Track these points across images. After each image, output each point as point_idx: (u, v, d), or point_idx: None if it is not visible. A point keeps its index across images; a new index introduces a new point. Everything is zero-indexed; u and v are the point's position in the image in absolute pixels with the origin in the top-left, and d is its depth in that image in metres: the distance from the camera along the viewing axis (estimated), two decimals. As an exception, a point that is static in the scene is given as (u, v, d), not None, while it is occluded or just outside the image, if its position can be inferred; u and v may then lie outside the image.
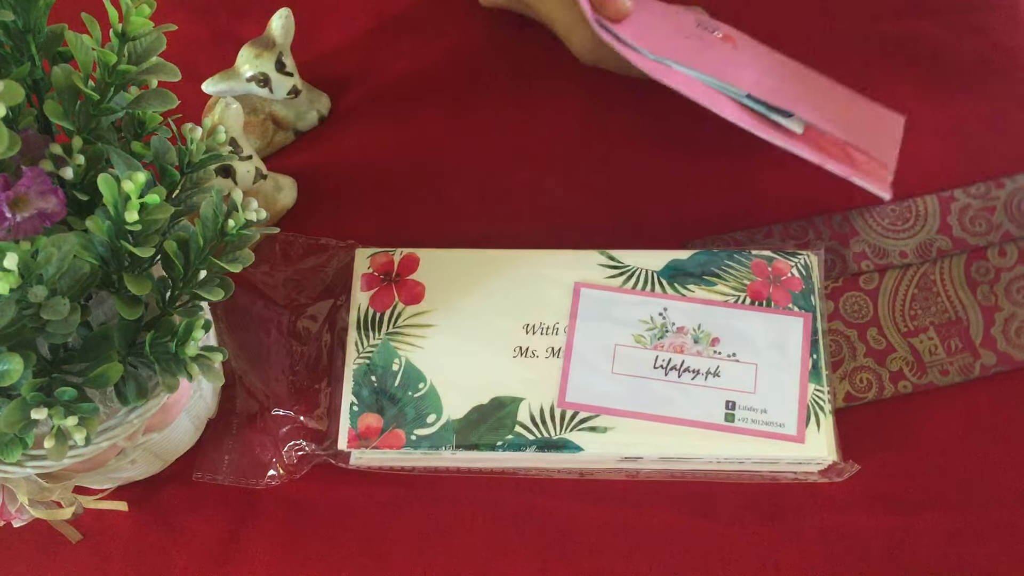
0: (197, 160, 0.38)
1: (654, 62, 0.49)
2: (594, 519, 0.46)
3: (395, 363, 0.46)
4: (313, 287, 0.50)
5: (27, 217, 0.31)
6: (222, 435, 0.48)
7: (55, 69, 0.34)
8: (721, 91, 0.48)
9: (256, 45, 0.50)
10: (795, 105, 0.49)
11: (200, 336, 0.36)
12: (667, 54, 0.49)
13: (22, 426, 0.33)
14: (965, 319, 0.50)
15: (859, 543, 0.45)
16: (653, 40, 0.50)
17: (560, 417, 0.44)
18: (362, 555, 0.46)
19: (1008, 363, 0.49)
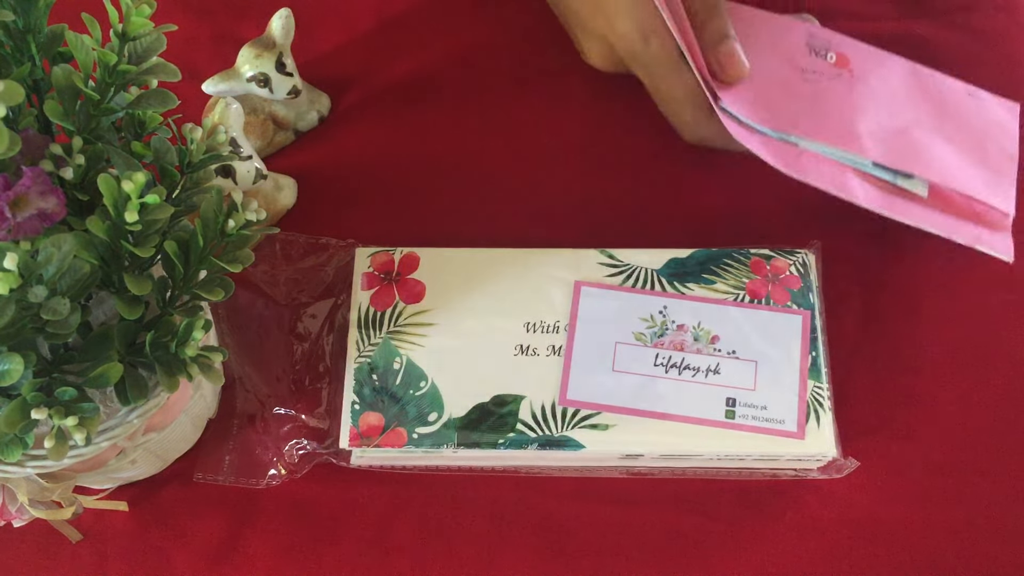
0: (197, 160, 0.38)
1: (778, 144, 0.47)
2: (594, 518, 0.46)
3: (396, 362, 0.46)
4: (313, 287, 0.50)
5: (27, 217, 0.31)
6: (222, 435, 0.48)
7: (55, 69, 0.34)
8: (848, 163, 0.47)
9: (256, 45, 0.50)
10: (915, 161, 0.48)
11: (200, 336, 0.36)
12: (787, 123, 0.47)
13: (22, 426, 0.33)
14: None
15: (860, 539, 0.45)
16: (769, 99, 0.48)
17: (561, 415, 0.44)
18: (362, 555, 0.46)
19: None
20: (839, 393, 0.47)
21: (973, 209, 0.48)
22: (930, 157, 0.47)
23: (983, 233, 0.47)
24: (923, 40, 0.57)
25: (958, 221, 0.47)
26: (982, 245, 0.47)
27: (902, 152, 0.47)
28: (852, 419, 0.47)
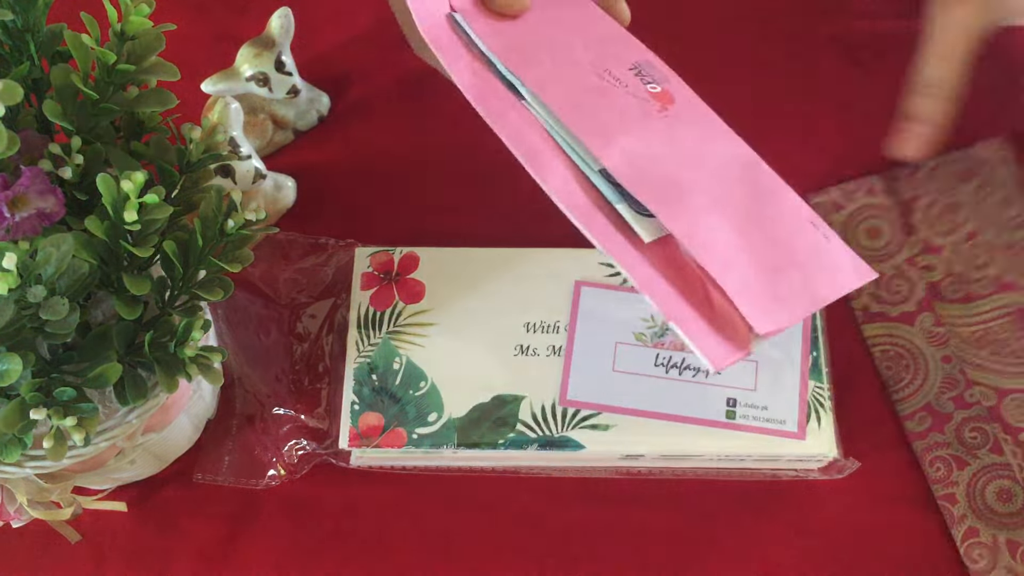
0: (196, 160, 0.37)
1: (491, 82, 0.36)
2: (594, 518, 0.46)
3: (396, 362, 0.46)
4: (313, 286, 0.50)
5: (26, 217, 0.31)
6: (222, 435, 0.48)
7: (54, 68, 0.34)
8: (570, 155, 0.35)
9: (255, 44, 0.50)
10: (667, 203, 0.33)
11: (199, 336, 0.36)
12: (525, 68, 0.36)
13: (21, 426, 0.33)
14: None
15: (861, 540, 0.45)
16: (523, 43, 0.36)
17: (561, 415, 0.44)
18: (362, 555, 0.46)
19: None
20: (839, 393, 0.47)
21: (707, 294, 0.34)
22: (691, 217, 0.34)
23: (699, 325, 0.33)
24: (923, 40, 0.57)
25: (675, 293, 0.33)
26: (689, 338, 0.33)
27: (653, 185, 0.34)
28: (852, 419, 0.47)
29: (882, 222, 0.52)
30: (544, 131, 0.35)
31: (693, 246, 0.33)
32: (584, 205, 0.34)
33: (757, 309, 0.33)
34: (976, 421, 0.47)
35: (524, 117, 0.35)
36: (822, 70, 0.56)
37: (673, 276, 0.34)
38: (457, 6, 0.37)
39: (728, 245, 0.34)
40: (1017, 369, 0.48)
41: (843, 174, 0.53)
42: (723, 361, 0.33)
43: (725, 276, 0.33)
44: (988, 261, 0.50)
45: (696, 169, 0.35)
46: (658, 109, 0.36)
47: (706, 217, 0.34)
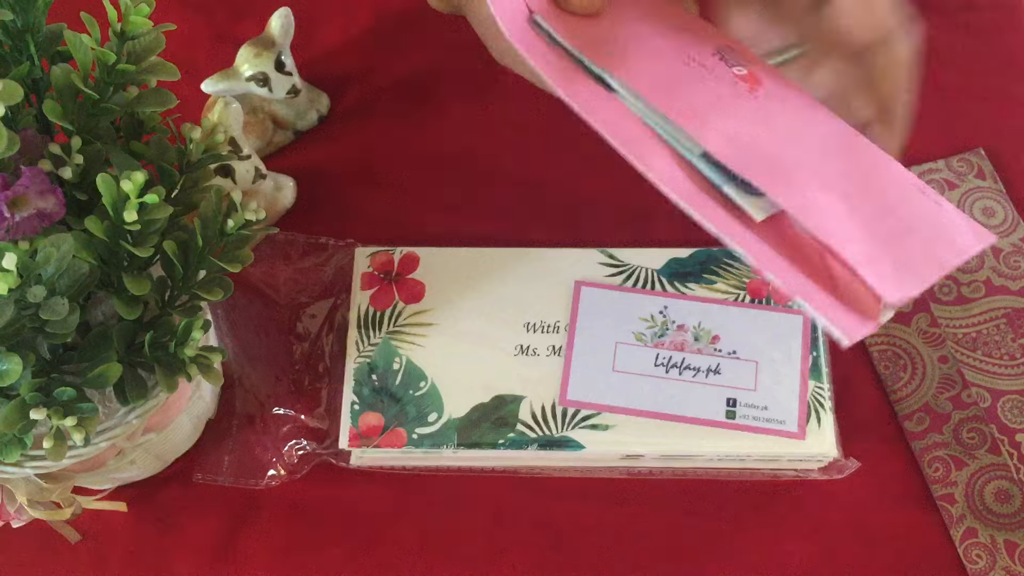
0: (196, 160, 0.37)
1: (585, 82, 0.35)
2: (594, 518, 0.46)
3: (396, 362, 0.46)
4: (313, 286, 0.50)
5: (26, 217, 0.31)
6: (222, 435, 0.48)
7: (54, 68, 0.34)
8: (669, 142, 0.34)
9: (255, 44, 0.50)
10: (774, 181, 0.33)
11: (199, 336, 0.36)
12: (615, 61, 0.35)
13: (21, 426, 0.33)
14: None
15: (861, 540, 0.45)
16: (610, 36, 0.36)
17: (561, 415, 0.44)
18: (362, 555, 0.46)
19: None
20: (839, 393, 0.47)
21: (827, 268, 0.33)
22: (801, 192, 0.33)
23: (830, 302, 0.32)
24: (923, 40, 0.57)
25: (794, 269, 0.33)
26: (820, 312, 0.32)
27: (758, 164, 0.33)
28: (852, 419, 0.47)
29: None
30: (640, 121, 0.35)
31: (809, 220, 0.32)
32: (691, 189, 0.33)
33: (884, 278, 0.32)
34: (973, 422, 0.47)
35: (618, 109, 0.35)
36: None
37: (791, 253, 0.33)
38: (536, 8, 0.37)
39: (842, 218, 0.33)
40: (1011, 371, 0.48)
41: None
42: (856, 332, 0.32)
43: (846, 247, 0.32)
44: (978, 265, 0.50)
45: (797, 146, 0.35)
46: (748, 90, 0.36)
47: (815, 192, 0.33)
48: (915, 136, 0.54)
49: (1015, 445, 0.46)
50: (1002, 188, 0.52)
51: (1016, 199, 0.52)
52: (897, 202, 0.35)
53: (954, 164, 0.53)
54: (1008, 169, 0.53)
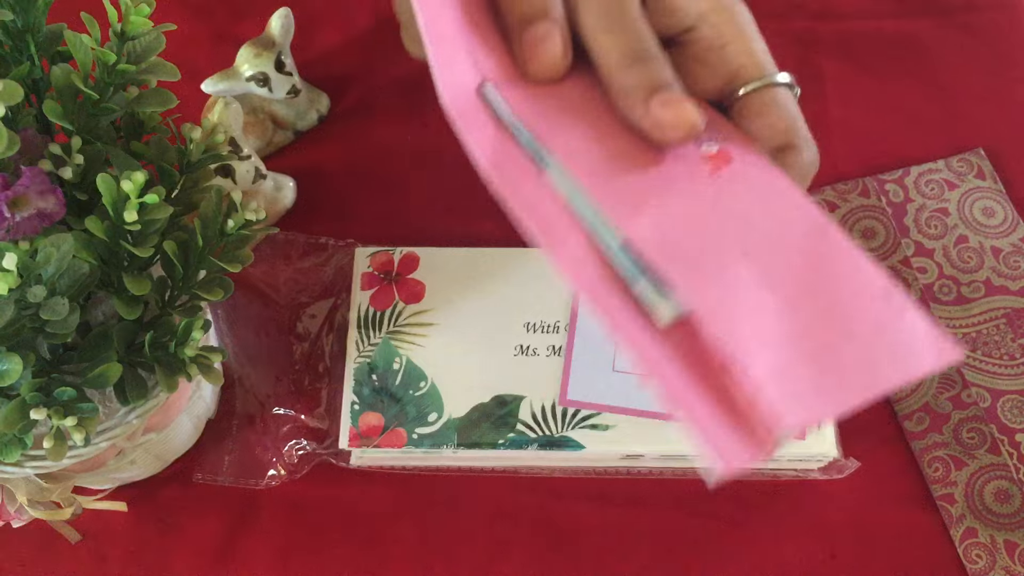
0: (196, 160, 0.37)
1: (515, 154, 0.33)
2: (594, 518, 0.46)
3: (396, 362, 0.46)
4: (313, 286, 0.50)
5: (26, 217, 0.31)
6: (222, 435, 0.48)
7: (54, 69, 0.34)
8: (592, 229, 0.31)
9: (256, 44, 0.50)
10: (691, 277, 0.30)
11: (199, 336, 0.36)
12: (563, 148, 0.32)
13: (21, 426, 0.33)
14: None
15: (861, 540, 0.45)
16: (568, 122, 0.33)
17: (561, 415, 0.44)
18: (362, 555, 0.46)
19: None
20: (839, 393, 0.47)
21: (728, 382, 0.29)
22: (723, 291, 0.30)
23: (710, 416, 0.29)
24: (923, 40, 0.57)
25: (684, 378, 0.29)
26: (697, 429, 0.28)
27: (681, 257, 0.30)
28: (852, 419, 0.47)
29: (876, 223, 0.52)
30: (564, 203, 0.32)
31: (717, 325, 0.29)
32: (595, 281, 0.30)
33: (789, 396, 0.28)
34: (973, 422, 0.47)
35: (542, 189, 0.32)
36: (822, 70, 0.56)
37: (691, 362, 0.30)
38: (491, 77, 0.34)
39: (766, 324, 0.29)
40: (1011, 371, 0.48)
41: (840, 174, 0.53)
42: (735, 458, 0.28)
43: (753, 358, 0.28)
44: (978, 265, 0.50)
45: (743, 237, 0.31)
46: (709, 171, 0.33)
47: (745, 291, 0.30)
48: (915, 136, 0.54)
49: (1015, 445, 0.46)
50: (1002, 188, 0.52)
51: (1016, 199, 0.52)
52: (848, 308, 0.31)
53: (954, 164, 0.53)
54: (1008, 169, 0.53)
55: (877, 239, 0.51)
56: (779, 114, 0.33)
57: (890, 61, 0.57)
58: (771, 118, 0.33)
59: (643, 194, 0.31)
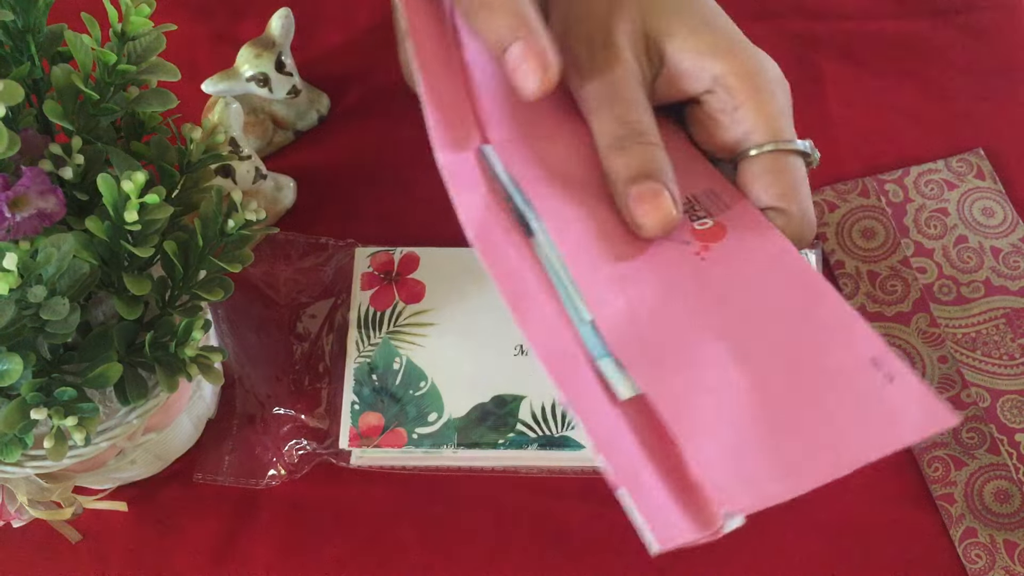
0: (196, 160, 0.38)
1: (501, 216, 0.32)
2: (594, 518, 0.46)
3: (396, 362, 0.46)
4: (313, 286, 0.50)
5: (26, 217, 0.31)
6: (222, 435, 0.48)
7: (55, 69, 0.34)
8: (565, 302, 0.31)
9: (256, 45, 0.50)
10: (646, 362, 0.30)
11: (199, 336, 0.36)
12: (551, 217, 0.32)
13: (22, 426, 0.33)
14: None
15: (860, 539, 0.45)
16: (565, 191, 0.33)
17: (561, 415, 0.44)
18: (362, 555, 0.46)
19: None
20: (839, 393, 0.47)
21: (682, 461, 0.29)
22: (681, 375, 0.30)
23: (652, 493, 0.29)
24: (923, 40, 0.57)
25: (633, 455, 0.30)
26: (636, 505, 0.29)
27: (645, 342, 0.31)
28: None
29: (876, 223, 0.52)
30: (543, 273, 0.32)
31: (668, 409, 0.29)
32: (560, 357, 0.31)
33: (738, 480, 0.28)
34: (973, 422, 0.47)
35: (524, 256, 0.32)
36: (822, 70, 0.56)
37: (648, 434, 0.30)
38: (494, 139, 0.34)
39: (728, 405, 0.29)
40: (1011, 371, 0.48)
41: (839, 174, 0.53)
42: (670, 535, 0.28)
43: (701, 443, 0.28)
44: (978, 265, 0.50)
45: (721, 317, 0.31)
46: (696, 251, 0.33)
47: (708, 374, 0.30)
48: (915, 136, 0.54)
49: (1014, 445, 0.46)
50: (1001, 188, 0.52)
51: (1016, 199, 0.52)
52: (832, 378, 0.30)
53: (954, 164, 0.53)
54: (1008, 169, 0.53)
55: (877, 239, 0.52)
56: (777, 180, 0.33)
57: (890, 61, 0.57)
58: (767, 181, 0.33)
59: (622, 278, 0.32)
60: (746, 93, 0.33)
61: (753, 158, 0.33)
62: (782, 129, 0.33)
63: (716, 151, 0.35)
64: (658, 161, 0.32)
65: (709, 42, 0.33)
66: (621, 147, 0.33)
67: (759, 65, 0.34)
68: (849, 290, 0.50)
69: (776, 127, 0.33)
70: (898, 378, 0.30)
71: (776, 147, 0.33)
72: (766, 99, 0.33)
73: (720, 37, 0.34)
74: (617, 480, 0.29)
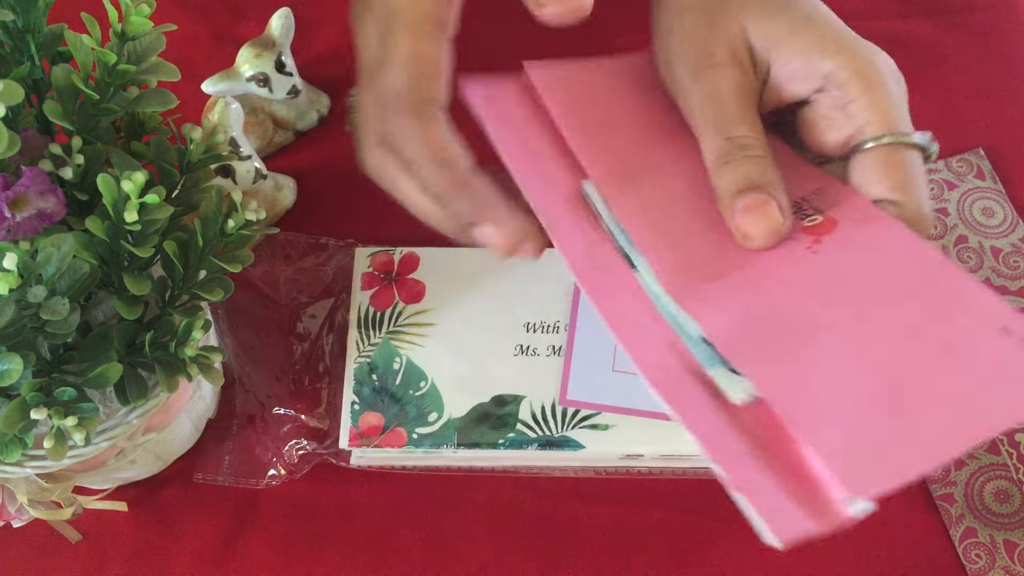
0: (196, 160, 0.38)
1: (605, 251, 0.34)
2: (594, 518, 0.46)
3: (396, 362, 0.46)
4: (313, 286, 0.50)
5: (27, 217, 0.31)
6: (222, 435, 0.48)
7: (55, 69, 0.34)
8: (670, 323, 0.32)
9: (256, 45, 0.50)
10: (760, 363, 0.30)
11: (199, 336, 0.36)
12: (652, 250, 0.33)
13: (22, 426, 0.33)
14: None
15: (860, 539, 0.45)
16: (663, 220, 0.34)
17: (561, 415, 0.44)
18: (362, 555, 0.46)
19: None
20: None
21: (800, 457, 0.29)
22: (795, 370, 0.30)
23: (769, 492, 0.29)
24: (923, 40, 0.57)
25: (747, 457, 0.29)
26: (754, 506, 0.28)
27: (758, 343, 0.31)
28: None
29: None
30: (646, 299, 0.33)
31: (782, 407, 0.29)
32: (666, 374, 0.31)
33: (857, 467, 0.28)
34: (975, 421, 0.47)
35: (628, 284, 0.33)
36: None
37: (763, 439, 0.30)
38: (592, 174, 0.35)
39: (846, 395, 0.29)
40: (1016, 369, 0.48)
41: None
42: (792, 531, 0.28)
43: (820, 437, 0.28)
44: (978, 265, 0.50)
45: (836, 304, 0.31)
46: (807, 245, 0.33)
47: (824, 367, 0.30)
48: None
49: (1014, 445, 0.46)
50: (1001, 188, 0.52)
51: (1016, 199, 0.52)
52: (964, 347, 0.30)
53: (953, 164, 0.53)
54: (1008, 169, 0.53)
55: (877, 239, 0.52)
56: (891, 172, 0.32)
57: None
58: (881, 173, 0.32)
59: (733, 289, 0.32)
60: (859, 87, 0.32)
61: (868, 151, 0.32)
62: (898, 121, 0.32)
63: (829, 150, 0.34)
64: (765, 173, 0.32)
65: (815, 40, 0.33)
66: (726, 162, 0.33)
67: (869, 58, 0.33)
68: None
69: (891, 119, 0.32)
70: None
71: (893, 139, 0.32)
72: (880, 92, 0.33)
73: (825, 33, 0.33)
74: (731, 484, 0.29)
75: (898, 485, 0.27)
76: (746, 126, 0.33)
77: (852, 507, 0.28)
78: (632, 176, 0.35)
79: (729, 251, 0.33)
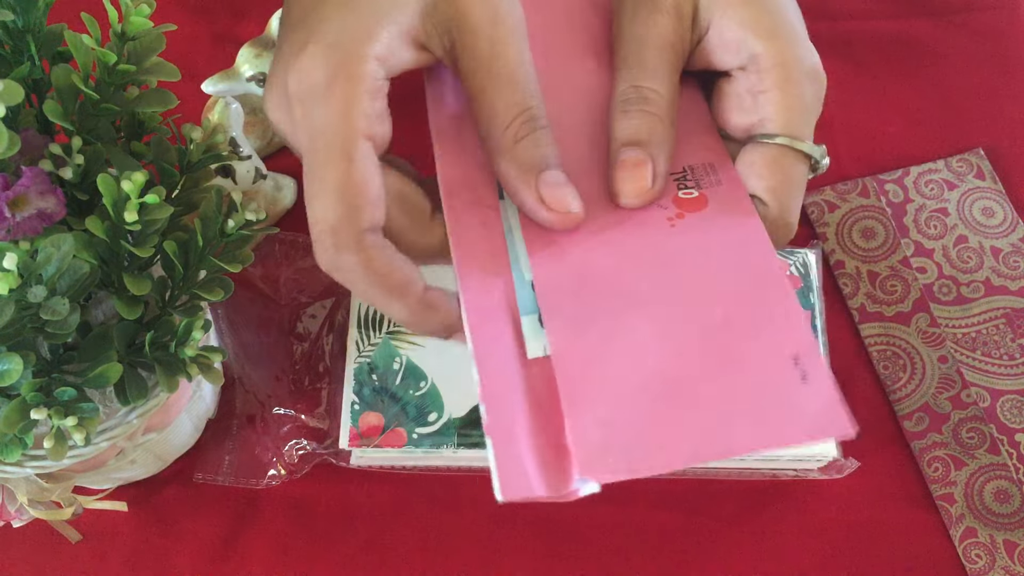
0: (196, 160, 0.38)
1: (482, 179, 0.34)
2: (594, 518, 0.46)
3: (396, 362, 0.46)
4: (313, 286, 0.50)
5: (26, 217, 0.31)
6: (222, 435, 0.48)
7: (55, 69, 0.34)
8: (511, 260, 0.32)
9: (256, 45, 0.50)
10: (564, 321, 0.31)
11: (199, 336, 0.36)
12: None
13: (22, 426, 0.33)
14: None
15: (860, 539, 0.45)
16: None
17: (560, 416, 0.44)
18: (362, 555, 0.46)
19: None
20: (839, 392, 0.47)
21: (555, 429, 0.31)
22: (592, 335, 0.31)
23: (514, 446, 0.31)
24: (923, 40, 0.57)
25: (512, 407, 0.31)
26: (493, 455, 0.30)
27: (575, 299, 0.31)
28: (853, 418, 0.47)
29: (876, 223, 0.52)
30: (501, 238, 0.33)
31: (562, 373, 0.30)
32: (483, 311, 0.32)
33: (601, 450, 0.29)
34: (973, 422, 0.47)
35: (487, 221, 0.33)
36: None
37: (537, 397, 0.31)
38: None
39: (626, 374, 0.30)
40: (1010, 371, 0.48)
41: (840, 174, 0.53)
42: (516, 488, 0.31)
43: (581, 408, 0.29)
44: (978, 265, 0.50)
45: (664, 284, 0.31)
46: (669, 217, 0.32)
47: (624, 339, 0.30)
48: (915, 136, 0.54)
49: (1014, 445, 0.46)
50: (1001, 188, 0.52)
51: (1015, 199, 0.52)
52: (742, 368, 0.30)
53: (953, 164, 0.53)
54: (1008, 169, 0.53)
55: (877, 239, 0.52)
56: (771, 173, 0.32)
57: (890, 61, 0.57)
58: (763, 171, 0.32)
59: (576, 241, 0.32)
60: (775, 80, 0.32)
61: (759, 145, 0.33)
62: (798, 126, 0.32)
63: (731, 130, 0.34)
64: (654, 131, 0.32)
65: (756, 16, 0.33)
66: (625, 111, 0.33)
67: (797, 55, 0.33)
68: (849, 290, 0.50)
69: (793, 122, 0.32)
70: (812, 379, 0.30)
71: (786, 142, 0.32)
72: (794, 91, 0.32)
73: (769, 16, 0.33)
74: (488, 428, 0.30)
75: (627, 478, 0.28)
76: (656, 80, 0.33)
77: (583, 486, 0.30)
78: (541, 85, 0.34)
79: (600, 198, 0.33)
